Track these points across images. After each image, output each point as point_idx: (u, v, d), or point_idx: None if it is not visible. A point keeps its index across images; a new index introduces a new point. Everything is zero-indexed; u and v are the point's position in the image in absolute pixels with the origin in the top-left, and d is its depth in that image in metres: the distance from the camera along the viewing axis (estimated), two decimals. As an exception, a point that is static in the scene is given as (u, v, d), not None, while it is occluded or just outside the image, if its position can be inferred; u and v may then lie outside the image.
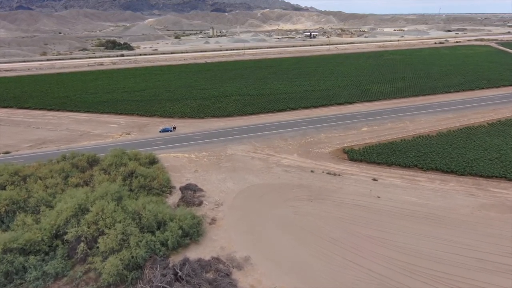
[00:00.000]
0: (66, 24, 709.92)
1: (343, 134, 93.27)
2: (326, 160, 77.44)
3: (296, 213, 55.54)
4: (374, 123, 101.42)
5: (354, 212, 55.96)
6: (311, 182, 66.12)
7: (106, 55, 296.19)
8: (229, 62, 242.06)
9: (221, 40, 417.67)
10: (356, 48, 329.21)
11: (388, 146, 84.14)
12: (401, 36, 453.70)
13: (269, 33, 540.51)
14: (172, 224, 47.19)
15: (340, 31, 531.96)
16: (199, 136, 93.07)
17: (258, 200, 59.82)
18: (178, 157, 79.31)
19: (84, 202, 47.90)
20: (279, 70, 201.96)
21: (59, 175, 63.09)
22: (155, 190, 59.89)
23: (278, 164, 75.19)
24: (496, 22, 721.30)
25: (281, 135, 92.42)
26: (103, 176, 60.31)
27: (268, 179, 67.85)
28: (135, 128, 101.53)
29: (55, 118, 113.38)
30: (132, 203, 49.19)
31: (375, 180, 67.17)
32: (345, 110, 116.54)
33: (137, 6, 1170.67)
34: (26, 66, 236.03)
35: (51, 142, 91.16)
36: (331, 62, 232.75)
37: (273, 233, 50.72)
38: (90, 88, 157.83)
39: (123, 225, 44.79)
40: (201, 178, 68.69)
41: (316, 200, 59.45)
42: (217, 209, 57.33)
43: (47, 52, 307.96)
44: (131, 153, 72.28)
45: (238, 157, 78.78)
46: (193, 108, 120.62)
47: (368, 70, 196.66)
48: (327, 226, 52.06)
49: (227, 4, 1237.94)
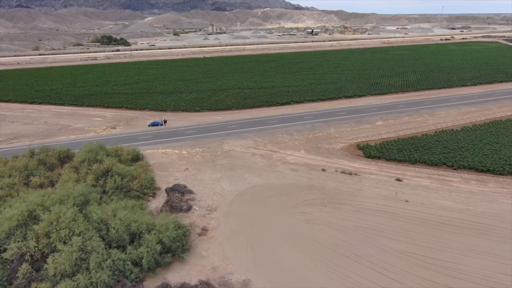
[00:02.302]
0: (64, 22, 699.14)
1: (355, 129, 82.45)
2: (338, 157, 66.64)
3: (308, 222, 44.72)
4: (389, 117, 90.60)
5: (379, 220, 45.13)
6: (324, 183, 55.29)
7: (101, 50, 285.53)
8: (228, 57, 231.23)
9: (220, 37, 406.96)
10: (360, 44, 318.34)
11: (408, 141, 73.35)
12: (405, 33, 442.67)
13: (270, 31, 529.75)
14: (149, 237, 36.39)
15: (342, 28, 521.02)
16: (193, 130, 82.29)
17: (260, 204, 49.02)
18: (167, 153, 68.54)
19: (37, 208, 37.05)
20: (281, 64, 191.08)
21: (20, 173, 52.33)
22: (134, 192, 49.11)
23: (283, 161, 64.41)
24: (499, 20, 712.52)
25: (286, 129, 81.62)
26: (71, 175, 49.50)
27: (271, 179, 57.05)
28: (121, 122, 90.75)
29: (35, 111, 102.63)
30: (98, 209, 38.31)
31: (399, 181, 56.36)
32: (355, 103, 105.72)
33: (137, 5, 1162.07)
34: (16, 60, 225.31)
35: (25, 137, 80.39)
36: (335, 56, 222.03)
37: (280, 249, 39.93)
38: (79, 81, 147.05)
39: (82, 238, 33.97)
40: (192, 177, 57.91)
41: (331, 205, 48.63)
42: (209, 215, 46.53)
43: (40, 47, 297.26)
44: (111, 148, 61.56)
45: (237, 154, 68.04)
46: (187, 101, 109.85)
47: (375, 64, 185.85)
48: (347, 239, 41.24)
49: (227, 4, 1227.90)
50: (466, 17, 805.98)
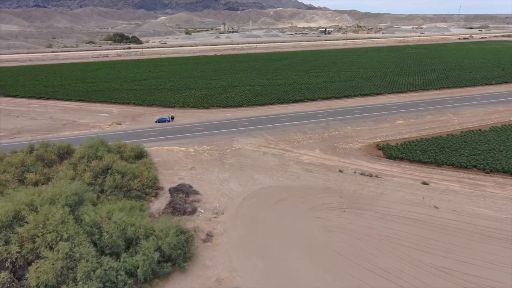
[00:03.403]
0: (79, 22, 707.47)
1: (374, 128, 77.08)
2: (356, 158, 61.53)
3: (325, 229, 39.92)
4: (410, 116, 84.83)
5: (405, 228, 40.01)
6: (342, 185, 50.35)
7: (113, 47, 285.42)
8: (239, 55, 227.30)
9: (232, 36, 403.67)
10: (375, 43, 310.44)
11: (432, 142, 67.70)
12: (421, 33, 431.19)
13: (282, 30, 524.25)
14: (146, 244, 32.22)
15: (356, 28, 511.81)
16: (201, 127, 78.24)
17: (272, 208, 44.46)
18: (172, 150, 64.58)
19: (24, 208, 33.30)
20: (293, 62, 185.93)
21: (16, 169, 49.03)
22: (134, 192, 45.15)
23: (297, 161, 59.67)
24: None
25: (299, 128, 76.81)
26: (67, 172, 45.86)
27: (284, 180, 52.41)
28: (128, 118, 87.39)
29: (41, 106, 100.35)
30: (91, 211, 34.35)
31: (425, 184, 51.01)
32: (372, 102, 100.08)
33: (150, 5, 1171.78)
34: (28, 57, 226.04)
35: (28, 132, 77.70)
36: (349, 55, 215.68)
37: (294, 259, 35.29)
38: (88, 77, 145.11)
39: (70, 244, 30.01)
40: (198, 177, 53.72)
41: (351, 210, 43.70)
42: (215, 219, 42.18)
43: (53, 45, 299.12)
44: (114, 145, 57.88)
45: (246, 152, 63.60)
46: (197, 98, 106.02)
47: (392, 62, 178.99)
48: (371, 250, 36.30)
49: (240, 3, 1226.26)
50: (484, 17, 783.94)
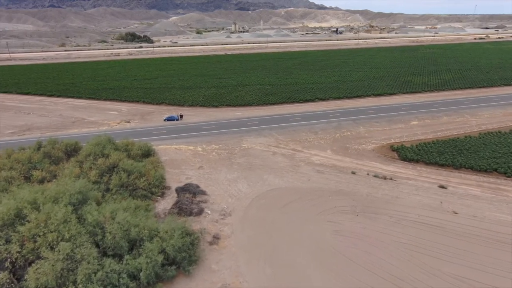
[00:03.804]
0: (92, 21, 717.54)
1: (387, 128, 74.63)
2: (370, 159, 59.33)
3: (337, 233, 38.04)
4: (425, 116, 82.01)
5: (423, 234, 37.83)
6: (354, 188, 48.33)
7: (125, 46, 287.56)
8: (250, 54, 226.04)
9: (243, 36, 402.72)
10: (388, 43, 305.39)
11: (449, 143, 64.96)
12: (435, 33, 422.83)
13: (293, 30, 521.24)
14: (150, 246, 30.92)
15: (368, 27, 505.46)
16: (210, 126, 77.00)
17: (281, 210, 42.77)
18: (180, 149, 63.45)
19: (27, 206, 32.40)
20: (304, 61, 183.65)
21: (22, 166, 48.49)
22: (140, 191, 44.04)
23: (308, 162, 57.82)
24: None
25: (310, 128, 74.89)
26: (73, 170, 45.03)
27: (294, 181, 50.65)
28: (137, 116, 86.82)
29: (52, 104, 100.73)
30: (95, 210, 33.25)
31: (443, 188, 48.58)
32: (386, 102, 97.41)
33: (162, 5, 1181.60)
34: (42, 56, 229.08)
35: (38, 129, 77.71)
36: (361, 54, 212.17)
37: (304, 265, 33.56)
38: (99, 75, 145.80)
39: (72, 244, 28.92)
40: (206, 176, 52.38)
41: (364, 214, 41.69)
42: (222, 221, 40.72)
43: (66, 44, 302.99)
44: (121, 142, 57.02)
45: (256, 152, 62.03)
46: (206, 96, 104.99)
47: (405, 62, 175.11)
48: (386, 257, 34.30)
49: (251, 4, 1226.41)
50: (501, 16, 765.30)
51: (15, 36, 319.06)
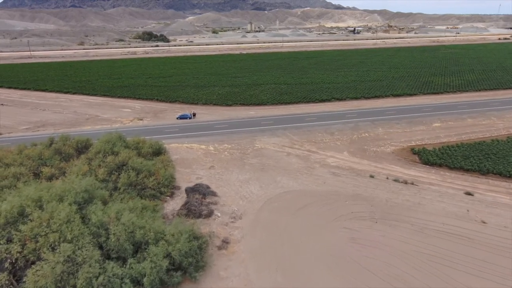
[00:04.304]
0: (111, 21, 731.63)
1: (408, 130, 71.20)
2: (389, 162, 56.31)
3: (354, 241, 35.53)
4: (448, 118, 78.01)
5: (449, 245, 34.88)
6: (373, 192, 45.59)
7: (141, 45, 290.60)
8: (265, 53, 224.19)
9: (258, 35, 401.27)
10: (407, 42, 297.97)
11: (475, 147, 61.14)
12: (457, 33, 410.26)
13: (309, 30, 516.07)
14: (155, 249, 29.27)
15: (387, 27, 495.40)
16: (223, 125, 75.37)
17: (295, 214, 40.53)
18: (192, 148, 61.97)
19: (31, 204, 31.33)
20: (320, 61, 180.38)
21: (33, 162, 47.96)
22: (149, 191, 42.63)
23: (323, 164, 55.31)
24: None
25: (326, 128, 72.23)
26: (81, 167, 44.03)
27: (309, 183, 48.28)
28: (150, 114, 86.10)
29: (67, 100, 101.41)
30: (99, 210, 31.89)
31: (469, 195, 45.24)
32: (405, 102, 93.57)
33: (179, 5, 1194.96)
34: (61, 54, 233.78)
35: (52, 125, 77.90)
36: (379, 54, 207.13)
37: (318, 275, 31.25)
38: (115, 73, 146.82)
39: (74, 246, 27.55)
40: (217, 177, 50.63)
41: (384, 221, 38.98)
42: (232, 224, 38.81)
43: (85, 42, 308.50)
44: (132, 140, 55.96)
45: (269, 153, 59.91)
46: (220, 95, 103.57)
47: (426, 62, 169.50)
48: (408, 269, 31.61)
49: (267, 4, 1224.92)
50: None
51: (37, 35, 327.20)
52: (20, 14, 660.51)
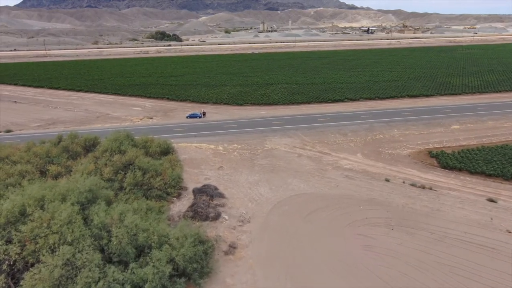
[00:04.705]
0: (125, 21, 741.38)
1: (425, 132, 68.35)
2: (405, 165, 53.81)
3: (369, 249, 33.47)
4: (468, 120, 74.71)
5: (472, 257, 32.49)
6: (388, 197, 43.33)
7: (154, 45, 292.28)
8: (277, 53, 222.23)
9: (271, 35, 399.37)
10: (423, 43, 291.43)
11: (497, 151, 58.02)
12: (474, 33, 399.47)
13: (322, 30, 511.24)
14: (158, 254, 27.90)
15: (402, 27, 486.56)
16: (233, 125, 73.94)
17: (306, 219, 38.66)
18: (201, 148, 60.69)
19: (33, 203, 30.40)
20: (333, 61, 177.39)
21: (40, 160, 47.40)
22: (155, 191, 41.42)
23: (336, 166, 53.22)
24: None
25: (339, 129, 69.98)
26: (87, 166, 43.14)
27: (321, 186, 46.32)
28: (159, 113, 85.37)
29: (79, 98, 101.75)
30: (102, 211, 30.72)
31: (492, 202, 42.53)
32: (422, 103, 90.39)
33: (192, 6, 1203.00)
34: (75, 53, 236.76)
35: (62, 123, 77.89)
36: (394, 54, 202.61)
37: (329, 284, 29.34)
38: (127, 72, 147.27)
39: (74, 248, 26.40)
40: (225, 178, 49.15)
41: (401, 229, 36.76)
42: (240, 228, 37.21)
43: (99, 42, 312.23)
44: (140, 139, 55.01)
45: (280, 153, 58.13)
46: (231, 94, 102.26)
47: (443, 63, 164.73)
48: (428, 282, 29.42)
49: (280, 4, 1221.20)
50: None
51: (53, 34, 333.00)
52: (38, 14, 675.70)
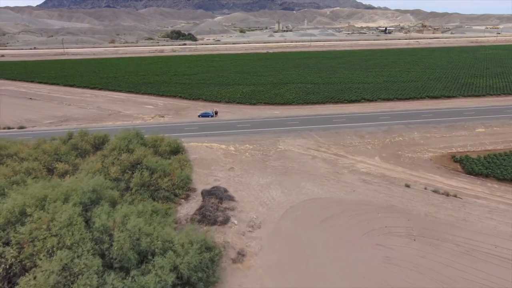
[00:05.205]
0: (142, 21, 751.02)
1: (447, 135, 64.69)
2: (427, 170, 50.63)
3: (388, 261, 30.85)
4: (494, 123, 70.49)
5: (503, 274, 29.49)
6: (409, 204, 40.45)
7: (169, 44, 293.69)
8: (292, 53, 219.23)
9: (286, 35, 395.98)
10: (443, 43, 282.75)
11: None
12: (498, 33, 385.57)
13: (338, 30, 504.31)
14: (161, 261, 26.10)
15: (421, 27, 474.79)
16: (245, 124, 71.97)
17: (320, 226, 36.28)
18: (212, 147, 58.94)
19: (34, 203, 29.14)
20: (349, 61, 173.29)
21: (48, 157, 46.57)
22: (163, 192, 39.80)
23: (352, 169, 50.52)
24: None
25: (355, 130, 67.04)
26: (93, 165, 41.92)
27: (336, 191, 43.78)
28: (171, 111, 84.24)
29: (92, 96, 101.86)
30: (104, 213, 29.18)
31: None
32: (443, 105, 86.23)
33: (208, 6, 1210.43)
34: (92, 51, 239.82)
35: (75, 120, 77.64)
36: (413, 54, 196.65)
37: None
38: (141, 70, 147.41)
39: (73, 253, 24.87)
40: (236, 179, 47.20)
41: (424, 239, 33.94)
42: (250, 234, 35.14)
43: (116, 41, 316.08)
44: (150, 138, 53.71)
45: (293, 155, 55.78)
46: (244, 93, 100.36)
47: (464, 63, 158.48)
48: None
49: (295, 4, 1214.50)
50: None
51: (71, 33, 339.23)
52: (59, 14, 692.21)
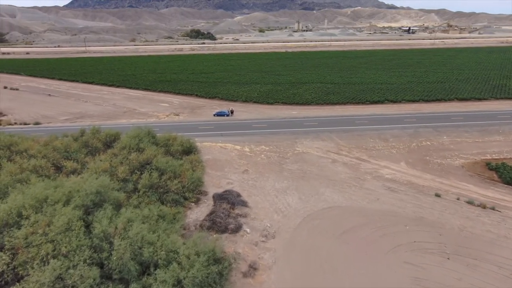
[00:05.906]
0: (163, 20, 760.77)
1: (480, 140, 59.69)
2: (459, 178, 46.25)
3: (419, 283, 27.23)
4: (532, 128, 64.82)
5: (557, 303, 25.35)
6: (441, 216, 36.48)
7: (188, 42, 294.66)
8: (312, 52, 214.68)
9: (306, 34, 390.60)
10: (470, 43, 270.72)
11: None
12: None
13: (360, 29, 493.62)
14: (163, 275, 23.56)
15: (446, 27, 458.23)
16: (262, 125, 69.12)
17: (340, 238, 32.93)
18: (226, 148, 56.38)
19: (30, 206, 27.24)
20: (371, 60, 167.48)
21: (58, 154, 45.20)
22: (172, 195, 37.43)
23: (376, 175, 46.76)
24: None
25: (379, 133, 62.96)
26: (101, 164, 40.05)
27: (358, 199, 40.25)
28: (187, 109, 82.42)
29: (109, 93, 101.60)
30: (106, 218, 26.96)
31: None
32: (474, 108, 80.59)
33: (229, 6, 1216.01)
34: (113, 50, 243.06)
35: (89, 117, 76.98)
36: (439, 55, 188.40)
37: (371, 326, 23.62)
38: (159, 68, 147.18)
39: (69, 261, 22.69)
40: (250, 183, 44.39)
41: (459, 258, 30.06)
42: (263, 244, 32.22)
43: (136, 39, 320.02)
44: (162, 136, 51.71)
45: (312, 158, 52.46)
46: (261, 92, 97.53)
47: (495, 64, 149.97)
48: (501, 335, 22.85)
49: (316, 3, 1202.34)
50: None
51: (94, 32, 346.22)
52: (83, 13, 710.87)
